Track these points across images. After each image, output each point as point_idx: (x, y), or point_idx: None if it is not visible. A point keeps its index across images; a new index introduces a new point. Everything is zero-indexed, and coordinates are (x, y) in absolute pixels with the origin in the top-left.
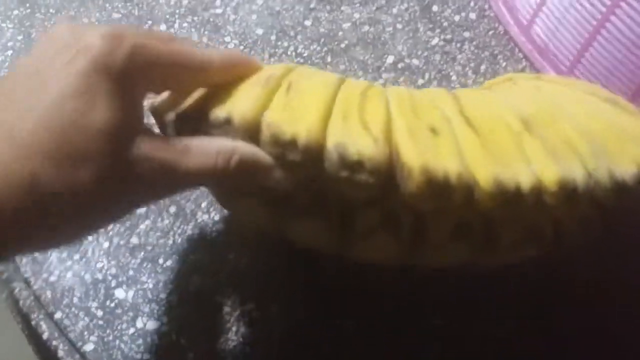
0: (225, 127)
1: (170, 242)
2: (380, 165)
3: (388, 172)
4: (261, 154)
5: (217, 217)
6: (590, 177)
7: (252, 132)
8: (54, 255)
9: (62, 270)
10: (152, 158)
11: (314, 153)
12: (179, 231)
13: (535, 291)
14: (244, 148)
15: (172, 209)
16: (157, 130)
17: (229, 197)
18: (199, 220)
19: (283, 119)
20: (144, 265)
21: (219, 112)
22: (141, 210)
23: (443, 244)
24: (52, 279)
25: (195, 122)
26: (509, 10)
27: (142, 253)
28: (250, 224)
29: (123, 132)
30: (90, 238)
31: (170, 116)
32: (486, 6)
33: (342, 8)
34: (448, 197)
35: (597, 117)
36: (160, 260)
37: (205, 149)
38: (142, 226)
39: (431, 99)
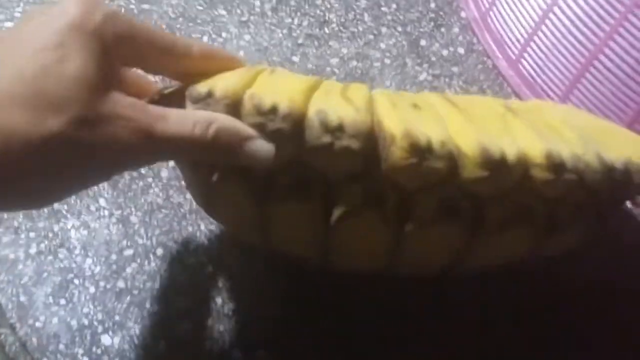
0: (207, 100)
1: (157, 286)
2: (362, 130)
3: (370, 142)
4: (241, 125)
5: (204, 260)
6: (579, 159)
7: (233, 105)
8: (39, 301)
9: (48, 316)
10: (127, 117)
11: (295, 121)
12: (166, 274)
13: (534, 296)
14: (223, 118)
15: (159, 252)
16: None
17: (210, 187)
18: (186, 264)
19: (265, 92)
20: (131, 310)
21: (201, 88)
22: (128, 252)
23: (430, 223)
24: (38, 324)
25: (176, 103)
26: (498, 45)
27: (129, 297)
28: (233, 227)
29: (95, 84)
30: (76, 282)
31: (151, 99)
32: (474, 40)
33: (330, 43)
34: (432, 167)
35: (581, 118)
36: (147, 305)
37: (183, 117)
38: (129, 269)
39: (415, 93)
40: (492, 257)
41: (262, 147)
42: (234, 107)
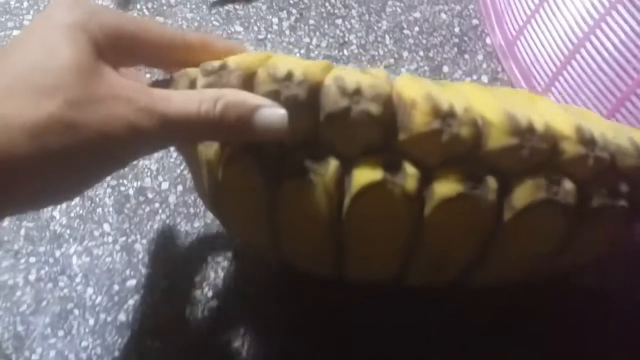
0: (220, 72)
1: (161, 321)
2: (381, 94)
3: (389, 110)
4: (250, 95)
5: (210, 294)
6: (610, 141)
7: (246, 77)
8: (37, 331)
9: (46, 348)
10: (127, 98)
11: (311, 88)
12: (170, 309)
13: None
14: (230, 93)
15: (164, 284)
16: None
17: (219, 176)
18: (191, 298)
19: (280, 62)
20: (131, 346)
21: (214, 62)
22: (131, 283)
23: (453, 201)
24: (34, 357)
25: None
26: (524, 75)
27: (129, 332)
28: (242, 227)
29: (86, 70)
30: (76, 312)
31: (154, 84)
32: (499, 69)
33: (349, 66)
34: (455, 133)
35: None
36: (149, 342)
37: (188, 96)
38: (131, 301)
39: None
40: (518, 254)
41: (275, 114)
42: (248, 79)
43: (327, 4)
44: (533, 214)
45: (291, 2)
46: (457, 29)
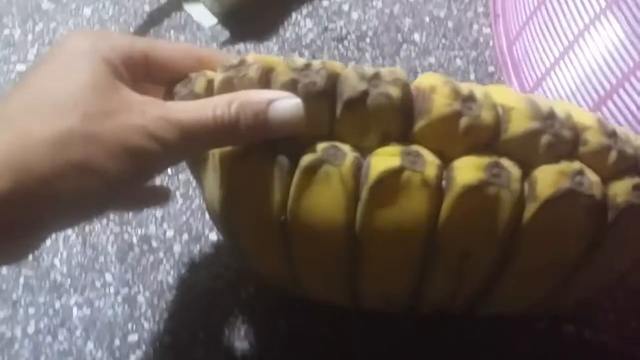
0: (239, 67)
1: None
2: (400, 79)
3: (408, 96)
4: (263, 91)
5: (214, 350)
6: (632, 142)
7: (264, 71)
8: None
9: None
10: (143, 110)
11: (329, 76)
12: None
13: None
14: (243, 94)
15: (167, 340)
16: None
17: (230, 172)
18: (195, 355)
19: (298, 58)
20: None
21: (232, 60)
22: (132, 338)
23: (476, 185)
24: None
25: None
26: None
27: None
28: (252, 240)
29: (102, 88)
30: None
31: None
32: None
33: None
34: (475, 115)
35: None
36: None
37: (202, 103)
38: (132, 358)
39: None
40: (538, 262)
41: (290, 104)
42: (265, 73)
43: (340, 46)
44: (556, 206)
45: (303, 43)
46: (472, 76)
